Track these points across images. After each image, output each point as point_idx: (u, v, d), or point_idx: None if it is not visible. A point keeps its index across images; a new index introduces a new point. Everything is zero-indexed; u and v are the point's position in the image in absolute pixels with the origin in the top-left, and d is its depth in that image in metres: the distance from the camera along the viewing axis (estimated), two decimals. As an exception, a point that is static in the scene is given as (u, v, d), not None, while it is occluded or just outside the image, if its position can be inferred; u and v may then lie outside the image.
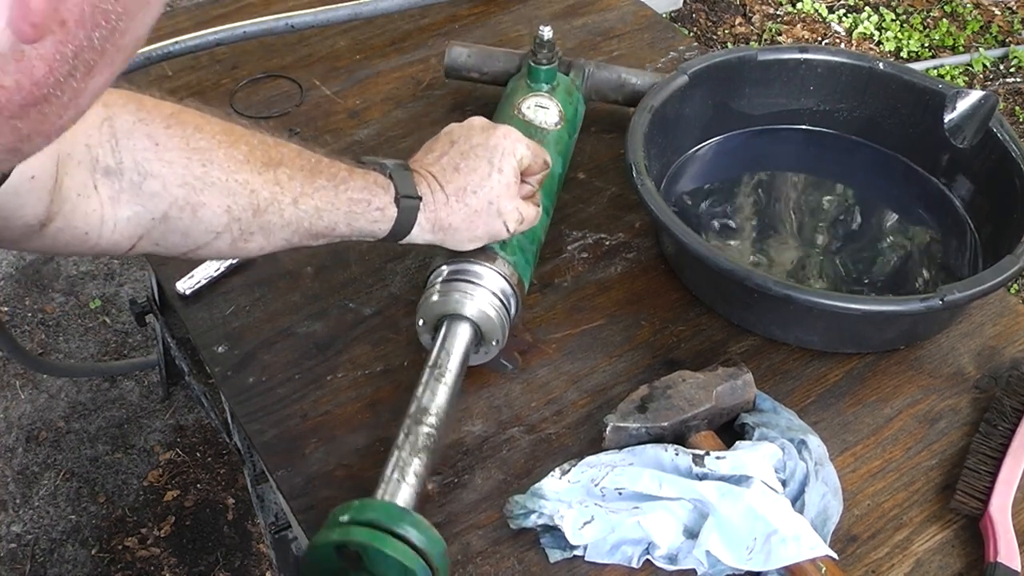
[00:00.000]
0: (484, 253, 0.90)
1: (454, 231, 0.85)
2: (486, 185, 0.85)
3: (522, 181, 0.89)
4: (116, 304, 2.22)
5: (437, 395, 0.82)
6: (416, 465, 0.77)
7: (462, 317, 0.86)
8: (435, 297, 0.87)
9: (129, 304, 1.72)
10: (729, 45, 3.03)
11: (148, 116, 0.71)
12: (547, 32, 1.07)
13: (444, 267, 0.89)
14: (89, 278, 2.26)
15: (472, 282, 0.87)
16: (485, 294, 0.87)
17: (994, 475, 0.84)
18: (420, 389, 0.82)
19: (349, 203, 0.80)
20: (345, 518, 0.71)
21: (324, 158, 0.81)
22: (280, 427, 0.89)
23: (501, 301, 0.88)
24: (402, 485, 0.75)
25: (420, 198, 0.83)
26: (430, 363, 0.84)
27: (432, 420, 0.80)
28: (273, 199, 0.76)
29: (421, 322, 0.89)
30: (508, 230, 0.87)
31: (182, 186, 0.71)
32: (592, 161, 1.16)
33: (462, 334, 0.86)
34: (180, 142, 0.71)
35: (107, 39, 0.37)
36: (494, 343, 0.89)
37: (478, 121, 0.89)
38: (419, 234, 0.85)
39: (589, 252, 1.05)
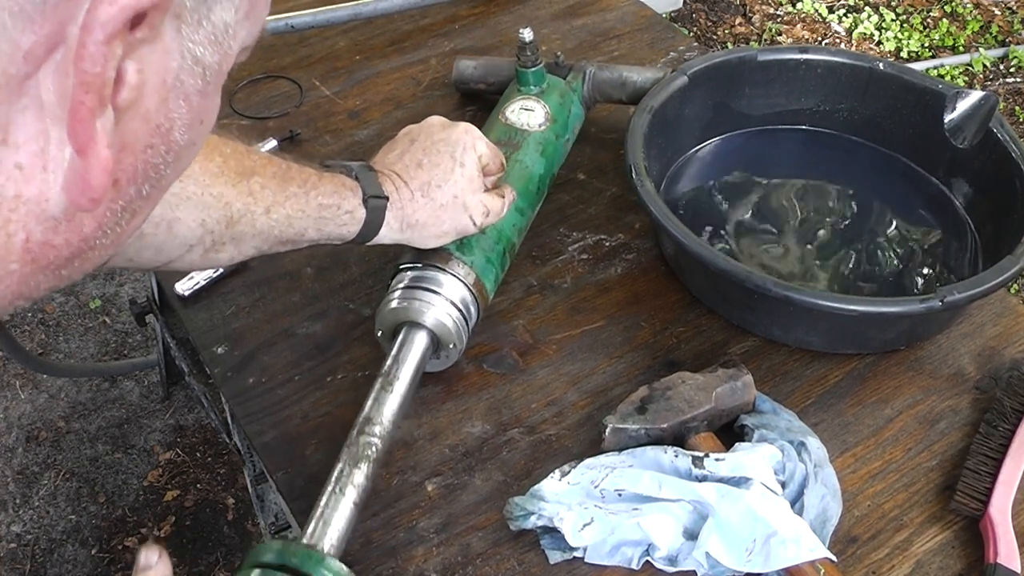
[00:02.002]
0: (437, 254, 0.90)
1: (421, 227, 0.86)
2: (450, 179, 0.85)
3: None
4: (116, 304, 2.22)
5: (384, 405, 0.81)
6: (357, 476, 0.77)
7: (418, 325, 0.86)
8: (390, 306, 0.87)
9: (129, 304, 1.72)
10: (729, 45, 3.03)
11: None
12: (527, 34, 1.06)
13: (400, 275, 0.89)
14: (89, 278, 2.26)
15: (428, 289, 0.87)
16: (441, 301, 0.87)
17: (994, 476, 0.84)
18: (369, 399, 0.82)
19: (319, 208, 0.80)
20: (267, 558, 0.68)
21: (294, 164, 0.81)
22: (280, 428, 0.89)
23: (458, 308, 0.88)
24: (341, 498, 0.75)
25: (387, 197, 0.84)
26: (382, 371, 0.84)
27: (376, 430, 0.79)
28: (246, 210, 0.76)
29: (379, 333, 0.89)
30: (475, 224, 0.87)
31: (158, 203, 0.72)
32: (592, 162, 1.16)
33: (418, 342, 0.86)
34: None
35: (155, 186, 0.38)
36: (451, 346, 0.88)
37: (436, 119, 0.91)
38: (387, 233, 0.85)
39: (589, 253, 1.05)
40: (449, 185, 0.85)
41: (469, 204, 0.87)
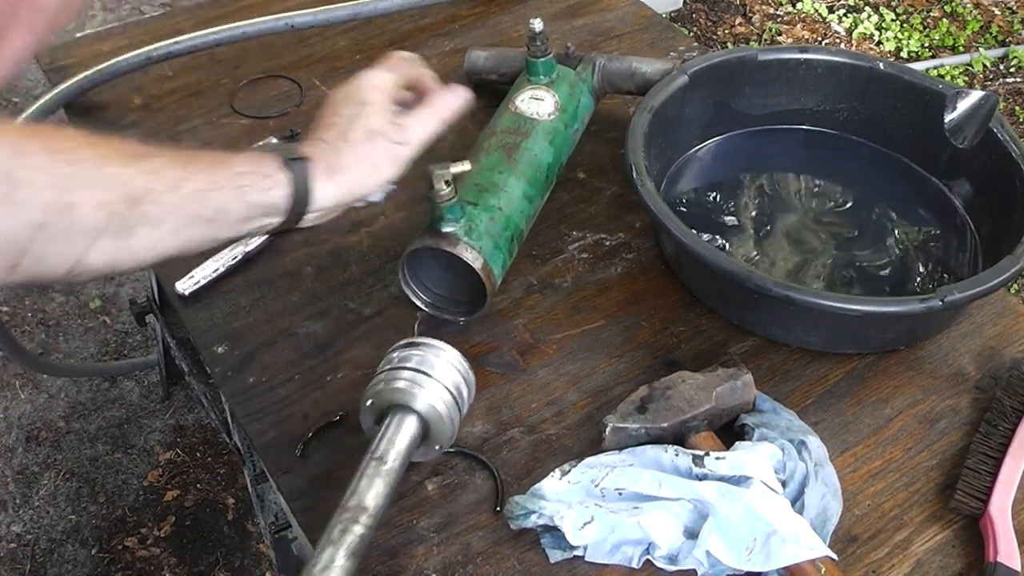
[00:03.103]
0: (447, 239, 0.90)
1: (351, 168, 0.84)
2: (358, 118, 0.85)
3: (419, 100, 0.89)
4: (116, 304, 2.22)
5: (378, 491, 0.76)
6: (346, 570, 0.72)
7: (410, 409, 0.81)
8: (392, 384, 0.81)
9: (129, 304, 1.72)
10: (729, 45, 3.03)
11: (3, 128, 0.70)
12: (537, 24, 1.07)
13: (396, 353, 0.85)
14: (89, 278, 2.27)
15: (424, 372, 0.82)
16: (436, 387, 0.81)
17: (994, 475, 0.84)
18: (362, 480, 0.77)
19: (235, 177, 0.77)
20: None
21: (203, 151, 0.79)
22: (280, 427, 0.89)
23: (452, 394, 0.82)
24: None
25: (307, 158, 0.82)
26: (374, 453, 0.79)
27: (368, 521, 0.74)
28: (148, 188, 0.74)
29: (369, 402, 0.83)
30: (399, 143, 0.85)
31: (52, 187, 0.69)
32: (592, 161, 1.16)
33: (407, 428, 0.81)
34: (42, 145, 0.70)
35: None
36: (436, 447, 0.83)
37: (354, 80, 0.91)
38: (324, 191, 0.82)
39: (589, 252, 1.05)
40: (359, 123, 0.85)
41: (381, 128, 0.85)
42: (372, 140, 0.85)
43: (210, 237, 0.78)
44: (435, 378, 0.82)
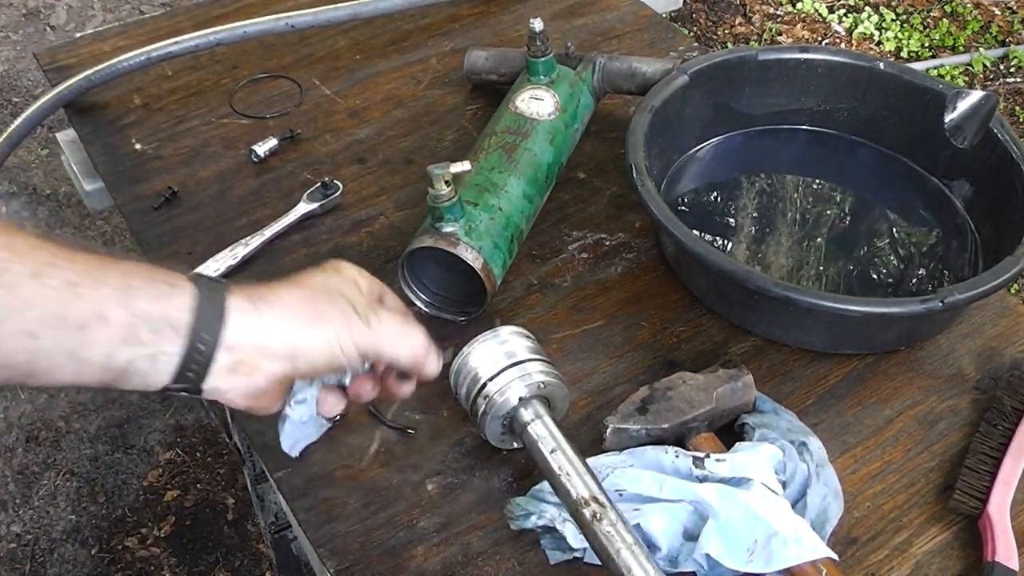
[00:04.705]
0: (447, 239, 0.90)
1: (287, 304, 0.66)
2: (320, 276, 0.70)
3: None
4: (116, 304, 2.22)
5: (585, 479, 0.75)
6: (620, 531, 0.71)
7: (527, 400, 0.81)
8: (500, 398, 0.80)
9: (129, 304, 1.72)
10: (729, 45, 3.03)
11: None
12: (537, 24, 1.07)
13: (478, 375, 0.82)
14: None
15: (515, 363, 0.81)
16: (533, 366, 0.82)
17: (993, 474, 0.84)
18: (568, 480, 0.75)
19: (122, 276, 0.60)
20: None
21: (96, 250, 0.62)
22: (280, 428, 0.89)
23: (545, 360, 0.83)
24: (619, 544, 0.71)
25: (226, 283, 0.65)
26: (548, 450, 0.77)
27: (605, 500, 0.73)
28: (3, 266, 0.56)
29: (498, 429, 0.83)
30: (364, 323, 0.68)
31: None
32: (592, 161, 1.16)
33: (541, 416, 0.80)
34: None
35: None
36: (566, 397, 0.84)
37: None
38: (241, 321, 0.63)
39: (589, 252, 1.05)
40: (320, 278, 0.70)
41: (351, 297, 0.69)
42: (333, 296, 0.68)
43: (72, 356, 0.59)
44: (515, 364, 0.81)
